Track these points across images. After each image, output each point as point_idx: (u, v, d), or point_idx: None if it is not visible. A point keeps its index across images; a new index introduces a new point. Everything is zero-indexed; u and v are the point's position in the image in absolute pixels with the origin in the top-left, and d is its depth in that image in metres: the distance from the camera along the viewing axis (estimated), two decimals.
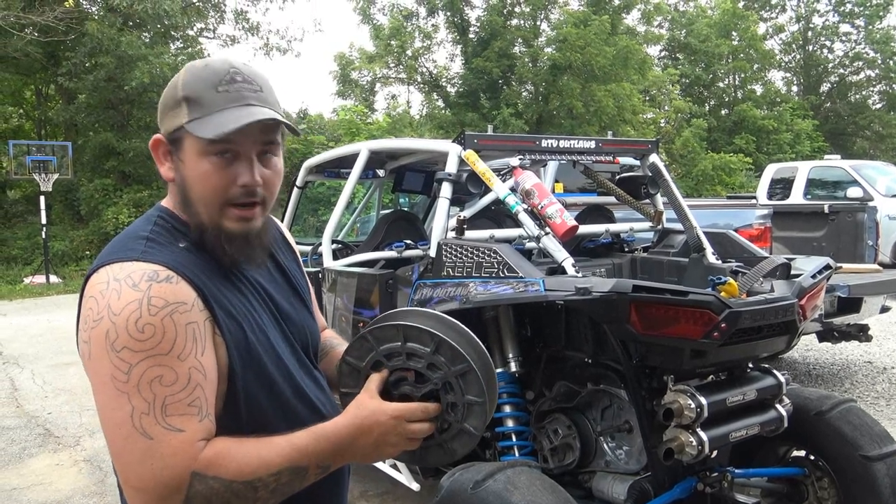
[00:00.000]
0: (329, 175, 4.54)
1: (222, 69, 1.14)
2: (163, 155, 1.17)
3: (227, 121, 1.09)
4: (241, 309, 1.15)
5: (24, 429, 5.18)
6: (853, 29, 31.40)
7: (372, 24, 25.99)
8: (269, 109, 1.13)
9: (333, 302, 3.48)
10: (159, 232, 1.15)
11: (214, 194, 1.13)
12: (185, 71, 1.16)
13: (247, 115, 1.10)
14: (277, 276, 1.31)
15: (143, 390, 1.01)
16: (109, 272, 1.07)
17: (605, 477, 2.58)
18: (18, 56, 15.73)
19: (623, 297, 2.14)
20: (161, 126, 1.17)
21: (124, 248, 1.11)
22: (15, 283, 14.19)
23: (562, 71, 23.22)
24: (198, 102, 1.11)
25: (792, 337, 2.51)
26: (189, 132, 1.11)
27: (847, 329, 5.56)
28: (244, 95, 1.12)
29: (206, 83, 1.12)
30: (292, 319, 1.28)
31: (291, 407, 1.19)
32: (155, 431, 1.00)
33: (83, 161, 16.87)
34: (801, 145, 27.32)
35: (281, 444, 1.08)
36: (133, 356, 1.01)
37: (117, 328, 1.01)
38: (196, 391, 1.04)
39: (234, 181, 1.13)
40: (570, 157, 3.31)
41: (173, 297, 1.04)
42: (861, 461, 2.51)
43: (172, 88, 1.15)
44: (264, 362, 1.16)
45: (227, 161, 1.12)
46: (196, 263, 1.12)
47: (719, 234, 3.44)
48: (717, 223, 5.71)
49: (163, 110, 1.16)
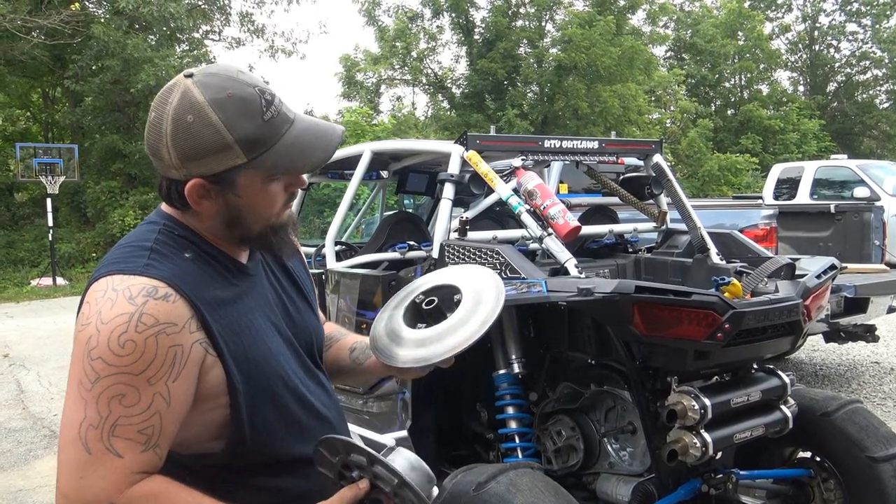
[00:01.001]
0: (333, 176, 4.55)
1: (252, 94, 1.08)
2: (199, 196, 1.11)
3: (301, 149, 1.11)
4: (242, 321, 1.15)
5: (30, 430, 5.19)
6: (860, 28, 31.33)
7: (377, 26, 26.05)
8: (318, 121, 1.17)
9: (336, 303, 3.48)
10: (164, 241, 1.13)
11: (276, 209, 1.17)
12: (209, 107, 1.06)
13: (322, 139, 1.14)
14: (282, 278, 1.31)
15: (101, 403, 1.00)
16: (110, 282, 1.06)
17: (609, 479, 2.57)
18: (25, 59, 15.84)
19: (626, 297, 2.13)
20: (187, 169, 1.08)
21: (127, 259, 1.10)
22: (22, 285, 14.27)
23: (567, 72, 23.22)
24: (253, 140, 1.07)
25: (797, 338, 2.49)
26: (254, 169, 1.09)
27: (854, 329, 5.53)
28: (284, 114, 1.12)
29: (250, 117, 1.07)
30: (296, 322, 1.28)
31: (295, 417, 1.20)
32: (95, 447, 0.99)
33: (90, 163, 16.95)
34: (807, 145, 27.22)
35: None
36: (104, 368, 1.00)
37: (100, 337, 1.01)
38: (152, 419, 1.02)
39: (285, 190, 1.17)
40: (572, 158, 3.30)
41: (165, 317, 1.03)
42: (867, 462, 2.49)
43: (209, 132, 1.05)
44: (266, 376, 1.15)
45: (279, 178, 1.14)
46: (200, 276, 1.12)
47: (723, 234, 3.43)
48: (723, 223, 5.69)
49: (194, 154, 1.07)
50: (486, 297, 1.31)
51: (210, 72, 1.10)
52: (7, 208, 18.23)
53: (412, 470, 1.13)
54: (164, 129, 1.07)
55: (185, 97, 1.06)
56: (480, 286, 1.34)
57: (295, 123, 1.13)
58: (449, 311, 1.32)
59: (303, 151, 1.12)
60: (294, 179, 1.17)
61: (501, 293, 1.32)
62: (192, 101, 1.06)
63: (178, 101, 1.07)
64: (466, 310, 1.29)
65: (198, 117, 1.06)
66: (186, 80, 1.08)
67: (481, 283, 1.35)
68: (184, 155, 1.07)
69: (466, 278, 1.39)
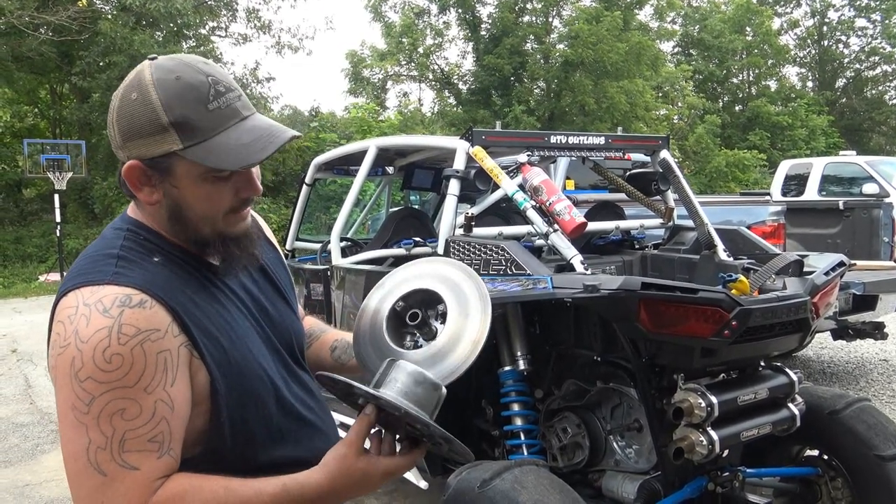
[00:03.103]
0: (338, 172, 4.54)
1: (201, 82, 1.04)
2: (139, 181, 1.07)
3: (237, 147, 1.04)
4: (220, 324, 1.10)
5: (38, 425, 5.22)
6: (869, 23, 31.14)
7: (383, 22, 26.07)
8: (273, 123, 1.09)
9: (342, 299, 3.48)
10: (130, 247, 1.09)
11: (218, 211, 1.10)
12: (153, 87, 1.03)
13: (264, 139, 1.06)
14: (258, 277, 1.26)
15: (103, 423, 0.96)
16: (79, 296, 1.01)
17: (615, 476, 2.56)
18: (33, 55, 15.87)
19: (632, 294, 2.11)
20: (128, 150, 1.06)
21: (94, 269, 1.05)
22: (30, 280, 14.35)
23: (574, 67, 23.17)
24: (190, 127, 1.03)
25: (805, 335, 2.47)
26: (189, 159, 1.04)
27: (862, 327, 5.49)
28: (235, 108, 1.07)
29: (192, 103, 1.03)
30: (276, 322, 1.24)
31: (276, 421, 1.16)
32: (109, 468, 0.96)
33: (97, 159, 16.99)
34: (815, 141, 27.09)
35: (247, 495, 1.02)
36: (97, 387, 0.96)
37: (83, 356, 0.96)
38: (160, 425, 0.99)
39: (236, 194, 1.10)
40: (579, 154, 3.29)
41: (146, 325, 0.99)
42: (875, 461, 2.47)
43: (146, 111, 1.03)
44: (247, 379, 1.11)
45: (226, 177, 1.08)
46: (172, 280, 1.08)
47: (731, 230, 3.41)
48: (731, 220, 5.65)
49: (131, 134, 1.04)
50: (472, 310, 1.26)
51: (172, 57, 1.08)
52: (15, 204, 18.32)
53: (416, 385, 1.11)
54: (113, 105, 1.07)
55: (136, 76, 1.06)
56: (464, 293, 1.28)
57: (245, 121, 1.07)
58: (433, 319, 1.28)
59: (239, 149, 1.05)
60: (245, 183, 1.10)
61: (487, 302, 1.27)
62: (140, 79, 1.04)
63: (131, 79, 1.06)
64: (455, 328, 1.24)
65: (140, 95, 1.03)
66: (147, 62, 1.07)
67: (464, 289, 1.29)
68: (124, 133, 1.05)
69: (445, 281, 1.31)
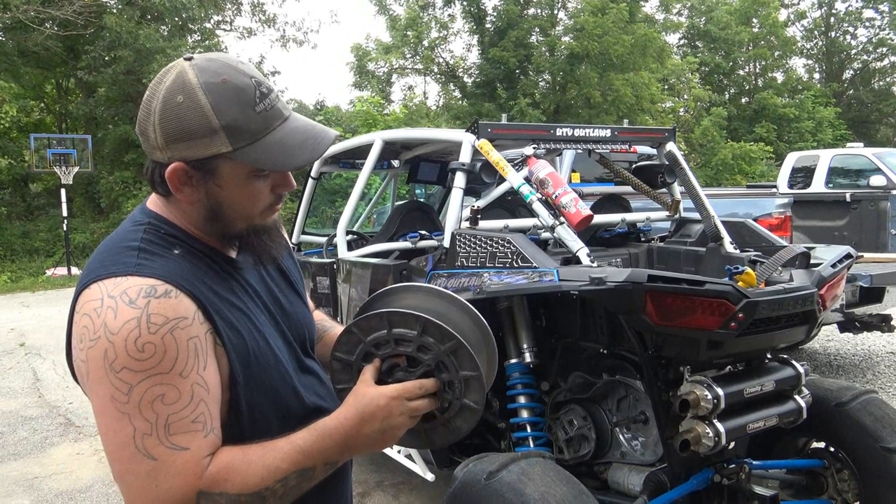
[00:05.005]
0: (344, 166, 4.54)
1: (247, 84, 1.06)
2: (181, 181, 1.08)
3: (289, 147, 1.08)
4: (239, 316, 1.13)
5: (46, 418, 5.26)
6: (877, 14, 30.88)
7: (388, 15, 25.99)
8: (312, 122, 1.13)
9: (348, 293, 3.48)
10: (150, 240, 1.10)
11: (258, 208, 1.13)
12: (200, 90, 1.04)
13: (311, 141, 1.10)
14: (272, 270, 1.28)
15: (145, 410, 0.97)
16: (103, 288, 1.01)
17: (621, 468, 2.57)
18: (39, 50, 15.94)
19: (638, 286, 2.11)
20: (171, 152, 1.06)
21: (116, 262, 1.05)
22: (37, 274, 14.42)
23: (579, 60, 23.07)
24: (241, 129, 1.05)
25: (811, 327, 2.46)
26: (238, 161, 1.06)
27: (869, 319, 5.48)
28: (278, 109, 1.09)
29: (241, 106, 1.05)
30: (289, 315, 1.26)
31: (291, 411, 1.18)
32: (158, 452, 0.98)
33: (103, 154, 17.06)
34: (822, 133, 26.94)
35: (285, 449, 1.06)
36: (133, 376, 0.97)
37: (116, 348, 0.97)
38: (200, 407, 1.01)
39: (272, 190, 1.14)
40: (584, 147, 3.28)
41: (173, 313, 1.01)
42: (882, 453, 2.47)
43: (196, 115, 1.03)
44: (264, 369, 1.14)
45: (266, 175, 1.11)
46: (193, 271, 1.09)
47: (737, 223, 3.40)
48: (737, 212, 5.64)
49: (178, 137, 1.04)
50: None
51: (210, 57, 1.08)
52: (22, 199, 18.40)
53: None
54: (153, 107, 1.05)
55: (179, 78, 1.05)
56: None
57: (288, 121, 1.10)
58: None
59: (289, 150, 1.08)
60: (282, 180, 1.14)
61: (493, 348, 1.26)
62: (185, 82, 1.04)
63: (172, 81, 1.05)
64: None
65: (188, 98, 1.03)
66: (185, 62, 1.07)
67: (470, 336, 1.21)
68: (168, 135, 1.05)
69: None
